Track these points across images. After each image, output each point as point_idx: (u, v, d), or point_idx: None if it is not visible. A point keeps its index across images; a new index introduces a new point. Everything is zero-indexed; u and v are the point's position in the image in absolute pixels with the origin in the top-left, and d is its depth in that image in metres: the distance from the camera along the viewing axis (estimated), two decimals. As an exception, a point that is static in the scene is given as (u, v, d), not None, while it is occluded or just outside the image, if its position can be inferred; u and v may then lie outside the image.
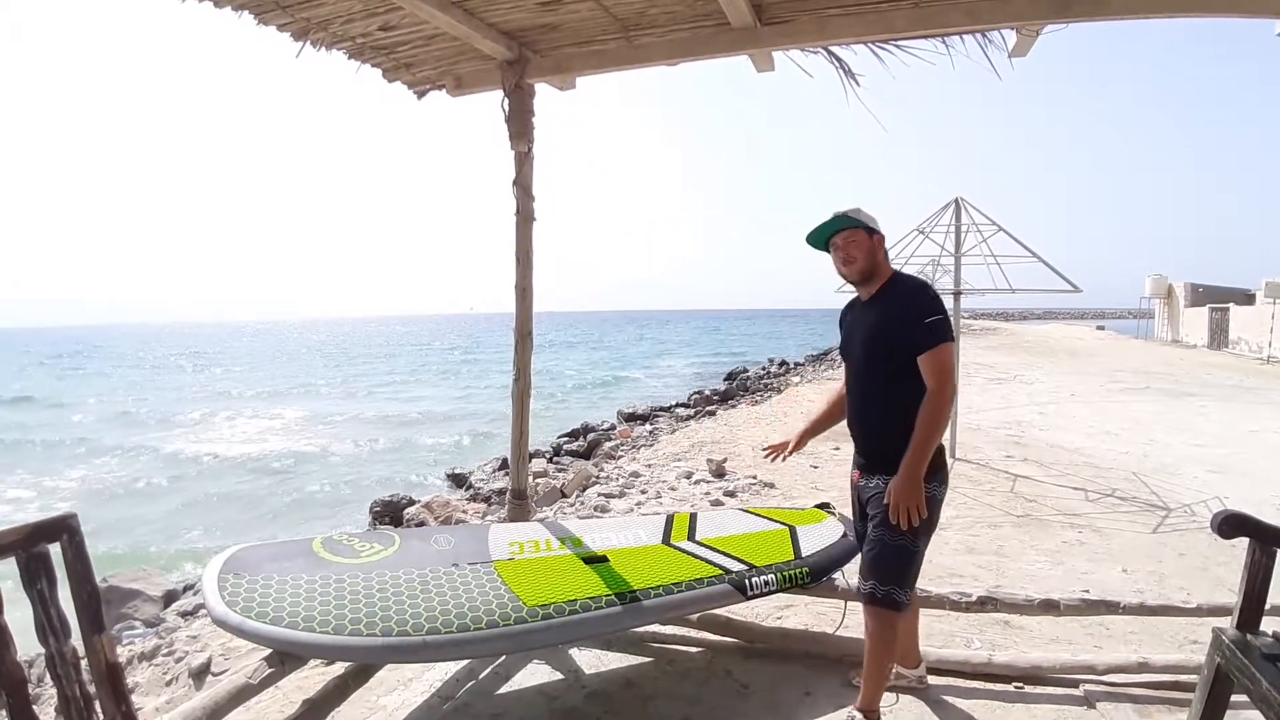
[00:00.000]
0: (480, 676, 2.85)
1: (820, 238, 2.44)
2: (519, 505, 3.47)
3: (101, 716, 1.55)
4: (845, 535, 3.03)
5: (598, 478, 7.57)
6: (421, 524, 7.55)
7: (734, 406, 15.70)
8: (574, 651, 3.01)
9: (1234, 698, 1.93)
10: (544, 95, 3.41)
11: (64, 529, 1.54)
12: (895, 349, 2.28)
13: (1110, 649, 3.03)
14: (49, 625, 1.47)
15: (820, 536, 3.01)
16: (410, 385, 34.26)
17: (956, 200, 7.61)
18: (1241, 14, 2.54)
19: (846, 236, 2.37)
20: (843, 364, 2.63)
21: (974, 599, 2.80)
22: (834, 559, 2.90)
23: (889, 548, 2.26)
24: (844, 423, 2.63)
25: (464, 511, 7.91)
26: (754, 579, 2.65)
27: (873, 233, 2.38)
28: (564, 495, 7.12)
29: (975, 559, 4.43)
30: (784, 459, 2.84)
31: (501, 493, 9.12)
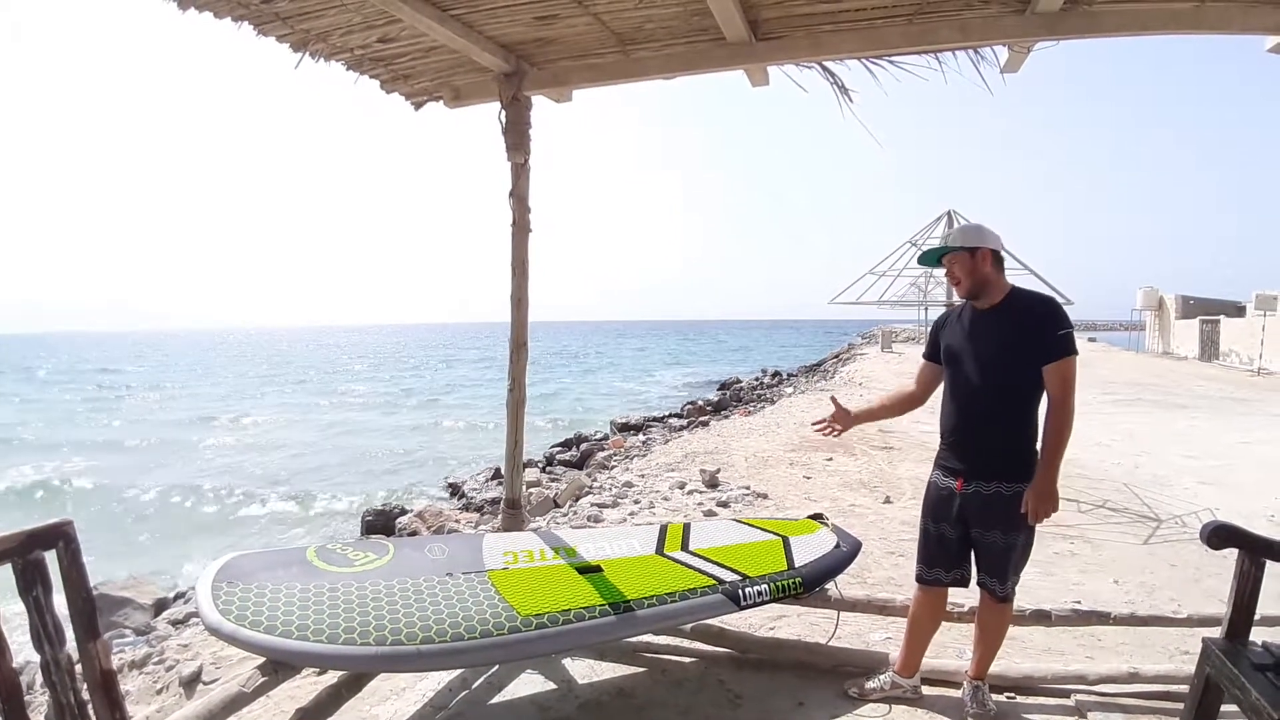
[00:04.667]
0: (473, 686, 2.84)
1: (931, 261, 2.57)
2: (513, 515, 3.47)
3: (94, 724, 1.55)
4: (838, 546, 3.04)
5: (591, 488, 7.55)
6: (414, 534, 7.53)
7: (727, 417, 15.66)
8: (567, 661, 3.01)
9: (1224, 708, 1.95)
10: (540, 107, 3.43)
11: (60, 535, 1.55)
12: (1027, 359, 2.35)
13: (1102, 659, 3.04)
14: (44, 632, 1.47)
15: (813, 547, 3.01)
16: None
17: (949, 212, 7.67)
18: (1231, 31, 2.58)
19: (950, 260, 2.49)
20: (944, 370, 2.59)
21: (966, 609, 2.81)
22: (827, 569, 2.91)
23: (1019, 550, 2.41)
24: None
25: (457, 521, 7.89)
26: (747, 589, 2.66)
27: (974, 251, 2.45)
28: (557, 505, 7.10)
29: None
30: (836, 435, 2.78)
31: (495, 502, 9.09)
